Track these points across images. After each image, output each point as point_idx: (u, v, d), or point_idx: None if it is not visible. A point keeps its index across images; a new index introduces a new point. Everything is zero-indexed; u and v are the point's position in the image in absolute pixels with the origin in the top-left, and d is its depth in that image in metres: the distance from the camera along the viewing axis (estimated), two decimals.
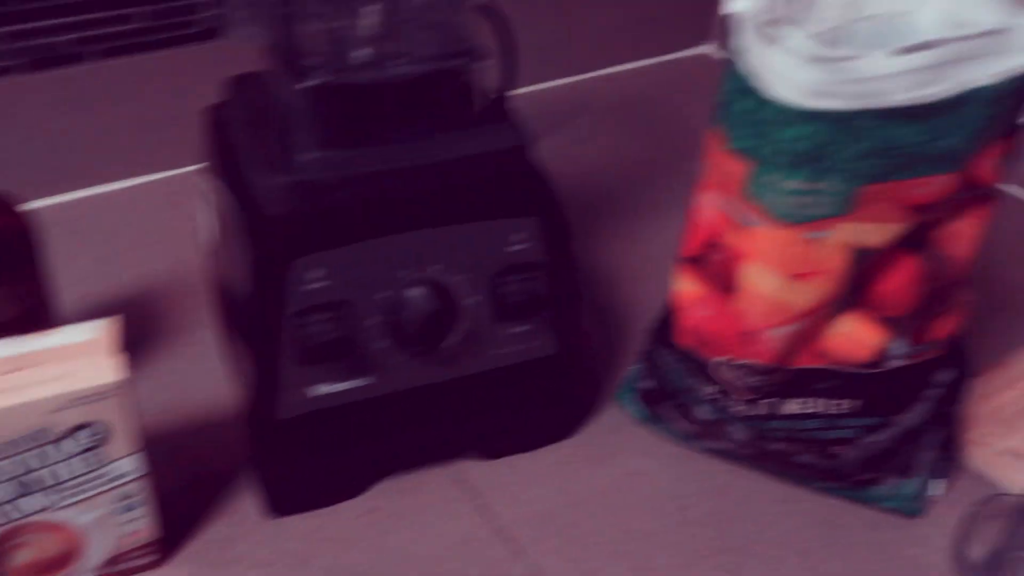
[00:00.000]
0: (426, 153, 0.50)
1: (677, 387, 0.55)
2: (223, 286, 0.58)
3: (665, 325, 0.55)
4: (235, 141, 0.52)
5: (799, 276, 0.45)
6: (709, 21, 1.11)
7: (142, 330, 0.67)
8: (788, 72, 0.39)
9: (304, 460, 0.53)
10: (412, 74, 0.49)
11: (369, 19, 0.49)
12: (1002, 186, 0.46)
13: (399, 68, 0.49)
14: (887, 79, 0.39)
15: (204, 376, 0.62)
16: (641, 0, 1.06)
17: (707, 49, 1.13)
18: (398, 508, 0.55)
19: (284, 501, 0.53)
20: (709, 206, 0.47)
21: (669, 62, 1.11)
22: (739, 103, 0.43)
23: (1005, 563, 0.52)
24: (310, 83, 0.47)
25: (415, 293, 0.50)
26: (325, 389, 0.50)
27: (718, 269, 0.48)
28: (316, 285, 0.48)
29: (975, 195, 0.45)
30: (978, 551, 0.53)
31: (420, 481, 0.57)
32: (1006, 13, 0.43)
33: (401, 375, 0.52)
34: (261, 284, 0.47)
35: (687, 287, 0.50)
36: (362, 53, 0.49)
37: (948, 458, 0.56)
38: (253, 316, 0.48)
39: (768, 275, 0.46)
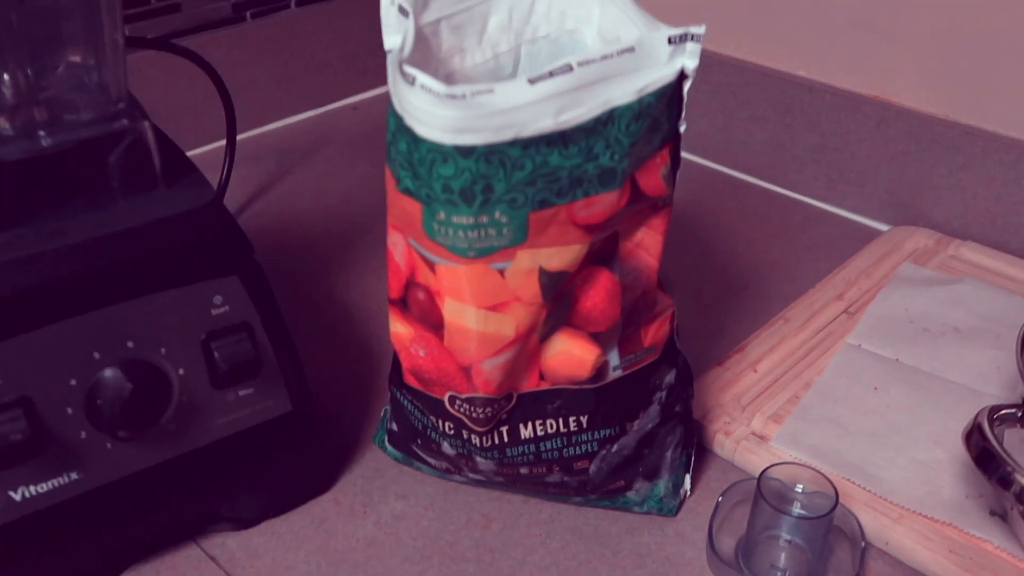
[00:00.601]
0: (97, 225, 0.47)
1: (418, 426, 0.54)
2: None
3: (396, 367, 0.53)
4: None
5: (497, 307, 0.45)
6: None
7: None
8: (428, 111, 0.39)
9: (25, 568, 0.49)
10: (65, 144, 0.46)
11: (5, 87, 0.45)
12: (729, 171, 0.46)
13: (48, 139, 0.46)
14: (526, 108, 0.39)
15: None
16: (376, 26, 1.06)
17: None
18: None
19: None
20: (399, 245, 0.46)
21: None
22: (399, 143, 0.42)
23: (754, 546, 0.53)
24: None
25: (109, 375, 0.47)
26: (25, 493, 0.46)
27: (422, 308, 0.47)
28: None
29: (648, 206, 0.46)
30: (729, 540, 0.54)
31: (168, 564, 0.54)
32: (645, 29, 0.44)
33: (115, 463, 0.49)
34: None
35: (399, 329, 0.49)
36: (3, 126, 0.45)
37: (690, 453, 0.57)
38: None
39: (467, 310, 0.45)
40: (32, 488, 0.47)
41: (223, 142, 0.95)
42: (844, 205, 0.88)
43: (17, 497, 0.46)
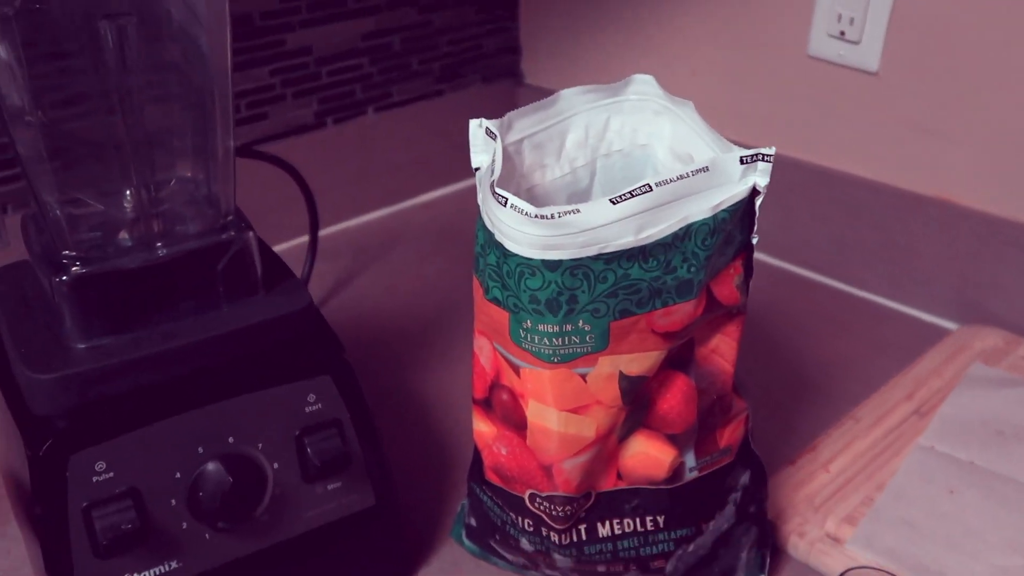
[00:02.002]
0: (204, 328, 0.50)
1: (497, 522, 0.55)
2: (11, 481, 0.57)
3: (476, 463, 0.55)
4: (2, 335, 0.52)
5: (578, 409, 0.47)
6: None
7: None
8: (518, 229, 0.42)
9: None
10: (176, 254, 0.50)
11: (126, 201, 0.50)
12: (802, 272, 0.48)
13: (164, 249, 0.50)
14: (610, 226, 0.42)
15: (11, 574, 0.60)
16: (445, 130, 1.12)
17: None
18: None
19: None
20: (485, 349, 0.49)
21: (474, 187, 1.16)
22: (488, 255, 0.45)
23: None
24: (69, 275, 0.47)
25: (212, 469, 0.49)
26: None
27: (506, 409, 0.49)
28: (99, 478, 0.47)
29: (722, 314, 0.48)
30: None
31: None
32: (716, 148, 0.47)
33: (212, 552, 0.51)
34: (39, 484, 0.46)
35: (483, 428, 0.51)
36: (122, 237, 0.50)
37: (765, 554, 0.57)
38: (37, 515, 0.47)
39: (550, 412, 0.47)
40: (136, 575, 0.49)
41: (304, 238, 1.00)
42: (910, 303, 0.89)
43: None
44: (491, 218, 0.44)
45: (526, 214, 0.41)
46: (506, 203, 0.42)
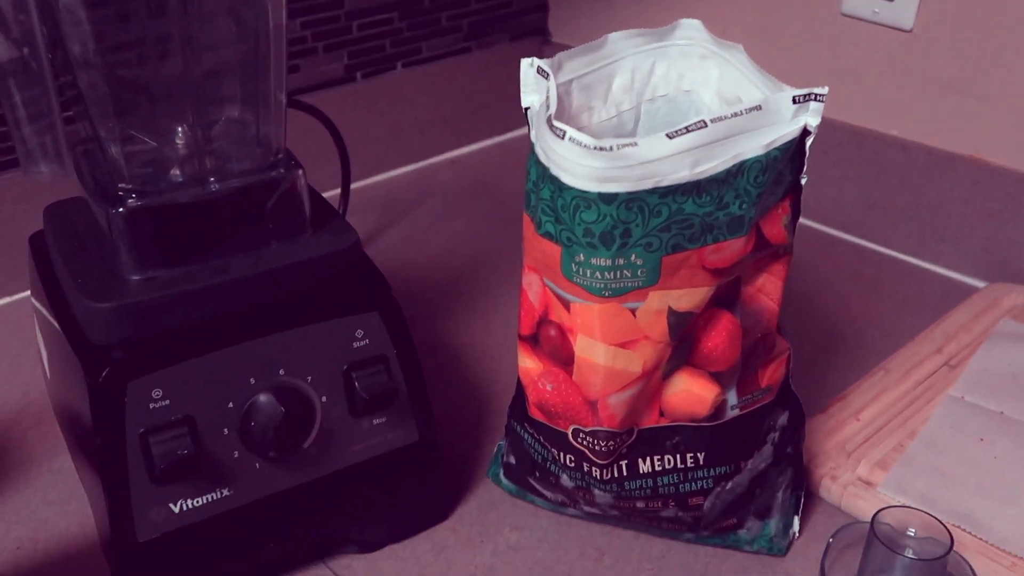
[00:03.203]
0: (255, 263, 0.51)
1: (538, 459, 0.56)
2: (66, 412, 0.58)
3: (518, 401, 0.56)
4: (57, 269, 0.53)
5: (626, 344, 0.48)
6: None
7: None
8: (576, 162, 0.42)
9: None
10: (228, 190, 0.50)
11: (179, 138, 0.50)
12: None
13: (214, 185, 0.50)
14: (665, 160, 0.42)
15: (60, 506, 0.61)
16: (472, 87, 1.12)
17: None
18: None
19: None
20: (534, 285, 0.50)
21: (507, 142, 1.16)
22: (541, 191, 0.45)
23: None
24: (125, 208, 0.48)
25: (264, 400, 0.51)
26: (183, 506, 0.50)
27: (553, 344, 0.50)
28: (156, 405, 0.48)
29: (770, 253, 0.49)
30: None
31: None
32: (767, 89, 0.47)
33: (262, 482, 0.52)
34: (98, 412, 0.47)
35: (528, 364, 0.52)
36: (175, 173, 0.51)
37: (800, 495, 0.58)
38: (95, 443, 0.48)
39: (598, 346, 0.48)
40: (189, 502, 0.50)
41: (335, 191, 1.01)
42: (939, 262, 0.89)
43: (176, 510, 0.50)
44: (547, 152, 0.44)
45: (585, 146, 0.42)
46: (564, 136, 0.42)
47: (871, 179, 0.92)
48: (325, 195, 1.01)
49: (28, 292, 0.83)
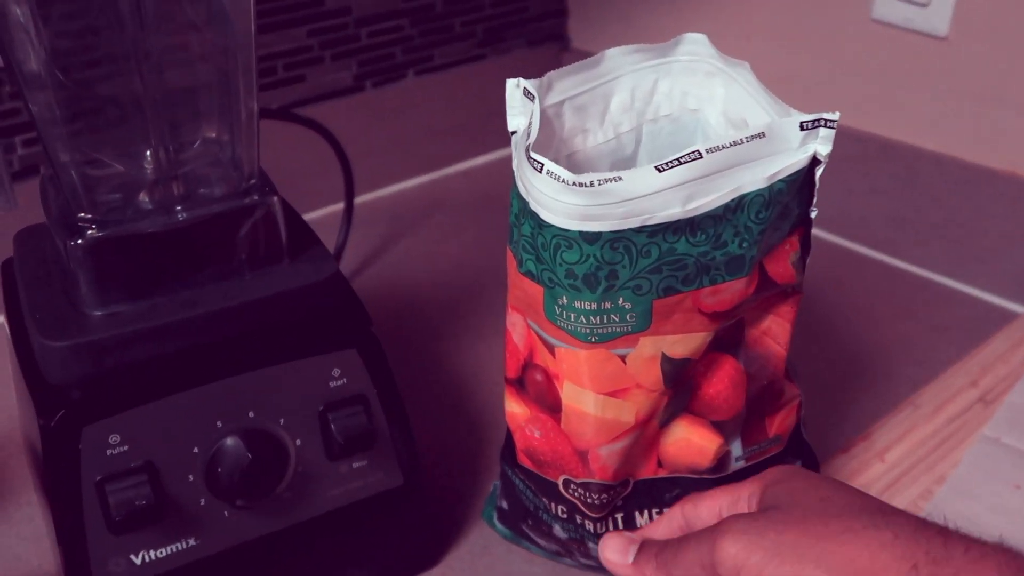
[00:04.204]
0: (226, 297, 0.48)
1: (530, 507, 0.53)
2: (28, 451, 0.55)
3: (508, 444, 0.53)
4: (21, 301, 0.50)
5: (616, 392, 0.44)
6: None
7: None
8: (554, 197, 0.38)
9: None
10: (199, 217, 0.47)
11: (146, 163, 0.47)
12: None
13: (184, 213, 0.47)
14: (655, 196, 0.38)
15: (36, 543, 0.59)
16: (487, 96, 1.08)
17: None
18: None
19: None
20: (518, 326, 0.46)
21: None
22: (522, 226, 0.41)
23: None
24: (84, 239, 0.45)
25: (230, 444, 0.47)
26: (145, 557, 0.47)
27: (540, 390, 0.46)
28: (113, 452, 0.45)
29: (776, 293, 0.44)
30: None
31: None
32: (773, 112, 0.43)
33: (232, 530, 0.49)
34: (51, 457, 0.44)
35: (515, 409, 0.48)
36: (142, 200, 0.47)
37: None
38: (49, 488, 0.45)
39: (586, 394, 0.44)
40: (152, 552, 0.47)
41: (340, 205, 0.98)
42: (974, 283, 0.84)
43: (137, 561, 0.47)
44: (526, 185, 0.40)
45: (563, 181, 0.38)
46: (542, 169, 0.38)
47: (902, 194, 0.86)
48: (329, 209, 0.99)
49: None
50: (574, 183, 0.38)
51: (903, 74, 0.84)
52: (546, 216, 0.39)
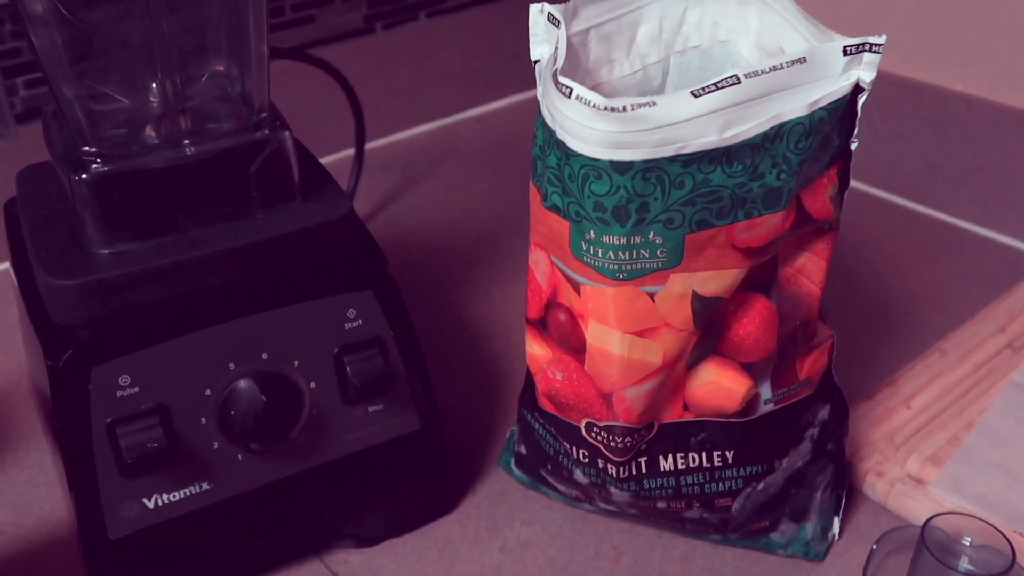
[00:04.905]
0: (237, 235, 0.46)
1: (550, 452, 0.51)
2: (36, 395, 0.54)
3: (528, 388, 0.51)
4: (25, 241, 0.48)
5: (644, 332, 0.42)
6: None
7: None
8: (584, 124, 0.36)
9: None
10: (208, 153, 0.45)
11: (152, 96, 0.45)
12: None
13: (192, 148, 0.45)
14: (690, 123, 0.36)
15: (46, 488, 0.58)
16: (500, 39, 1.05)
17: None
18: None
19: None
20: (541, 264, 0.44)
21: (535, 98, 1.09)
22: (547, 157, 0.39)
23: None
24: (89, 174, 0.43)
25: (244, 387, 0.46)
26: (158, 501, 0.46)
27: (563, 330, 0.45)
28: (124, 393, 0.44)
29: (812, 230, 0.42)
30: None
31: None
32: (813, 39, 0.40)
33: (246, 475, 0.48)
34: (60, 399, 0.43)
35: (536, 350, 0.47)
36: (149, 135, 0.46)
37: (840, 495, 0.53)
38: (60, 432, 0.44)
39: (612, 334, 0.42)
40: (165, 497, 0.46)
41: (351, 151, 0.96)
42: (1003, 230, 0.81)
43: (150, 505, 0.46)
44: (552, 113, 0.38)
45: (594, 106, 0.36)
46: (571, 94, 0.36)
47: (930, 138, 0.84)
48: (339, 155, 0.97)
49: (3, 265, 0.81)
50: (605, 108, 0.36)
51: (931, 10, 0.81)
52: (574, 145, 0.37)
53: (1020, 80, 0.78)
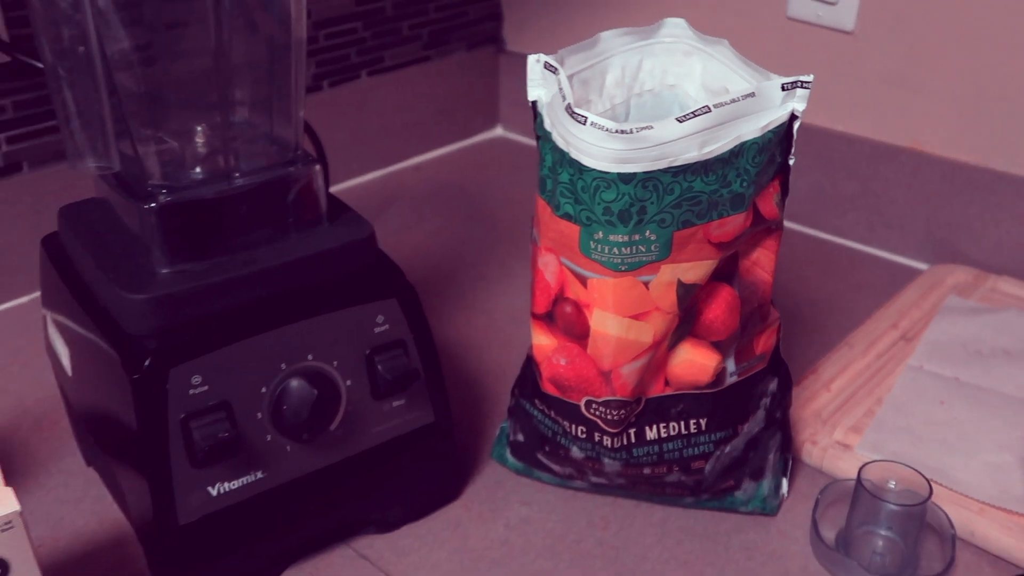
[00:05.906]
0: (279, 254, 0.54)
1: (548, 434, 0.60)
2: (87, 410, 0.59)
3: (525, 380, 0.60)
4: (80, 267, 0.54)
5: (639, 316, 0.52)
6: (496, 107, 1.22)
7: (3, 463, 0.66)
8: (598, 145, 0.46)
9: (208, 562, 0.54)
10: (250, 185, 0.53)
11: (199, 137, 0.53)
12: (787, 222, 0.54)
13: (238, 181, 0.53)
14: (677, 142, 0.47)
15: (74, 504, 0.63)
16: (433, 95, 1.16)
17: (497, 131, 1.24)
18: None
19: None
20: (551, 265, 0.53)
21: (467, 147, 1.20)
22: (559, 175, 0.49)
23: (852, 539, 0.59)
24: (157, 203, 0.50)
25: (295, 384, 0.53)
26: (220, 489, 0.52)
27: (569, 320, 0.54)
28: (195, 391, 0.50)
29: (764, 229, 0.53)
30: (829, 533, 0.60)
31: (326, 563, 0.59)
32: (753, 79, 0.52)
33: (293, 464, 0.55)
34: (141, 400, 0.49)
35: (543, 341, 0.56)
36: (196, 171, 0.53)
37: (788, 458, 0.63)
38: (138, 431, 0.50)
39: (612, 318, 0.52)
40: (226, 485, 0.52)
41: None
42: (885, 247, 0.96)
43: (214, 493, 0.52)
44: (566, 138, 0.48)
45: (607, 130, 0.46)
46: (586, 122, 0.46)
47: (820, 172, 0.98)
48: None
49: (31, 296, 0.84)
50: (616, 131, 0.46)
51: (817, 65, 0.96)
52: (588, 162, 0.47)
53: (888, 118, 0.93)
